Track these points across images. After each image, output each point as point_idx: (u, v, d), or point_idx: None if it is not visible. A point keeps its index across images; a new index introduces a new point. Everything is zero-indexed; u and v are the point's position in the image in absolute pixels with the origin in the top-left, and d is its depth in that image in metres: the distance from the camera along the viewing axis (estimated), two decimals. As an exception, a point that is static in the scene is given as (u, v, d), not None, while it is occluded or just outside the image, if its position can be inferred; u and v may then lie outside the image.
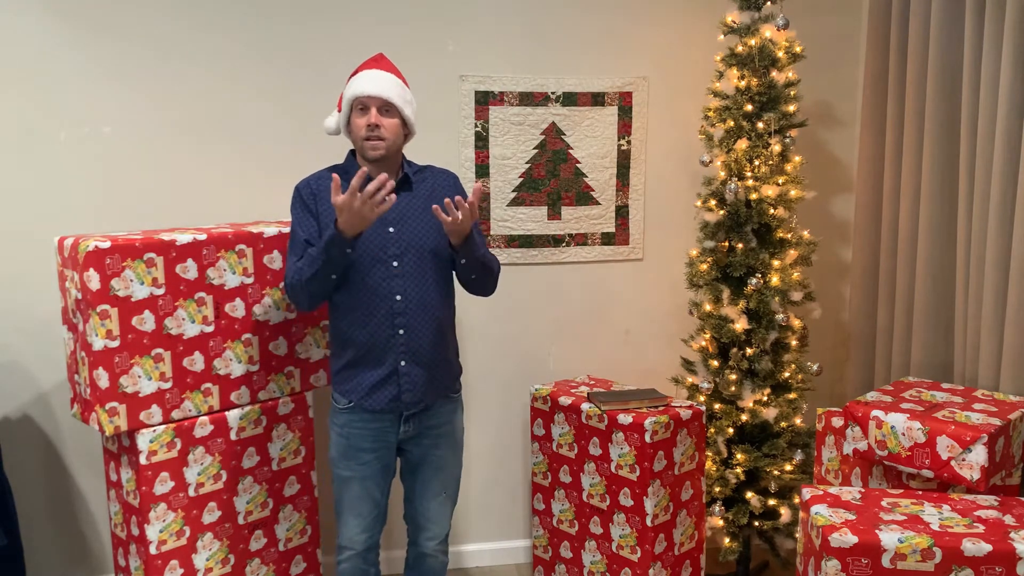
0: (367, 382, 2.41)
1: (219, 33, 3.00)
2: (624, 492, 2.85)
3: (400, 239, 2.39)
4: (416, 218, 2.42)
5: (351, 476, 2.47)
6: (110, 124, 2.96)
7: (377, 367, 2.40)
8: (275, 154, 3.06)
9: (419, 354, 2.41)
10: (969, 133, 2.78)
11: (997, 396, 2.58)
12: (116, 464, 2.56)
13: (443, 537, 2.62)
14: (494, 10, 3.19)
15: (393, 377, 2.40)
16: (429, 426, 2.51)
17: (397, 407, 2.43)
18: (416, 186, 2.46)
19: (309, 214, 2.40)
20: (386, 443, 2.48)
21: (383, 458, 2.49)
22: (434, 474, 2.56)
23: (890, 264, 3.17)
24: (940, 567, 2.00)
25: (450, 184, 2.53)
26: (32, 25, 2.86)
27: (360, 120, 2.35)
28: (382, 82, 2.35)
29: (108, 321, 2.36)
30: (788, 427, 3.05)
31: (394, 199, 2.21)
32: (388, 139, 2.35)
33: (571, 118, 3.28)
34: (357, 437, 2.46)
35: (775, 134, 2.96)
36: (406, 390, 2.41)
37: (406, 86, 2.42)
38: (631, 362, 3.47)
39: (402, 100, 2.37)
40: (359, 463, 2.46)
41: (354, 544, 2.51)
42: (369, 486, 2.48)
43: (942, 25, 2.87)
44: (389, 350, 2.39)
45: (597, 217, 3.36)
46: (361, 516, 2.50)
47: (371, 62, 2.43)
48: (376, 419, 2.45)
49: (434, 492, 2.57)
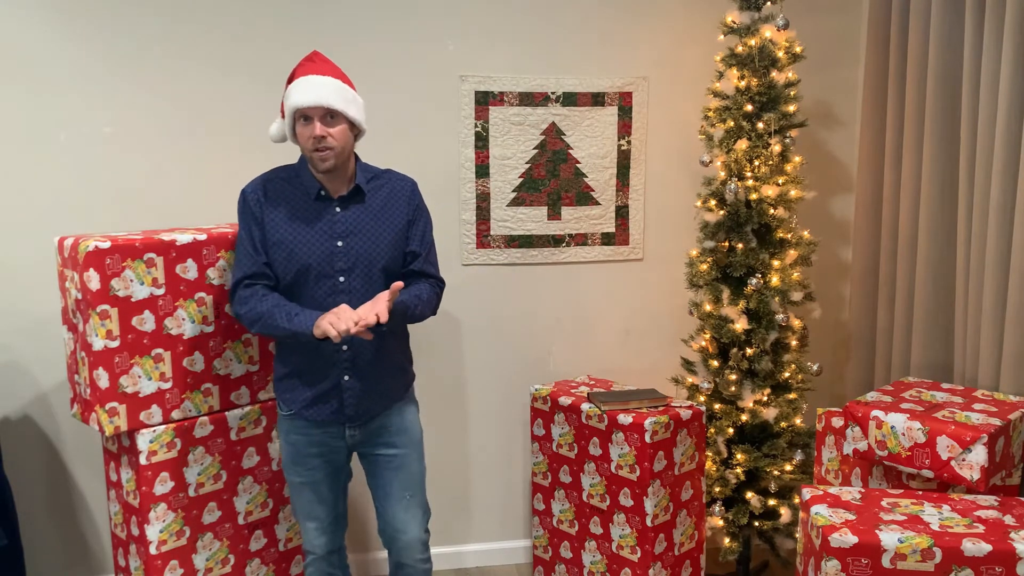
0: (309, 394, 2.35)
1: (220, 34, 3.00)
2: (624, 492, 2.85)
3: (348, 253, 2.30)
4: (366, 232, 2.33)
5: (301, 482, 2.43)
6: (110, 124, 2.96)
7: (320, 380, 2.33)
8: (275, 154, 3.04)
9: (363, 369, 2.34)
10: (969, 133, 2.78)
11: (997, 396, 2.58)
12: (116, 464, 2.56)
13: (418, 545, 2.48)
14: (494, 10, 3.19)
15: (336, 391, 2.34)
16: (378, 428, 2.43)
17: (339, 419, 2.37)
18: (369, 196, 2.36)
19: (254, 222, 2.33)
20: (332, 448, 2.42)
21: (332, 462, 2.44)
22: (393, 475, 2.45)
23: (890, 264, 3.17)
24: (940, 567, 2.00)
25: (406, 194, 2.40)
26: (32, 25, 2.86)
27: (305, 131, 2.24)
28: (320, 89, 2.21)
29: (108, 321, 2.36)
30: (788, 427, 3.05)
31: (370, 337, 2.18)
32: (337, 147, 2.24)
33: (571, 118, 3.28)
34: (302, 444, 2.40)
35: (775, 134, 2.96)
36: (349, 404, 2.35)
37: (348, 85, 2.29)
38: (631, 362, 3.47)
39: (344, 102, 2.23)
40: (307, 468, 2.42)
41: (315, 549, 2.49)
42: (321, 490, 2.44)
43: (942, 25, 2.87)
44: (332, 364, 2.33)
45: (597, 217, 3.36)
46: (318, 520, 2.47)
47: (306, 64, 2.28)
48: (319, 426, 2.39)
49: (397, 495, 2.45)
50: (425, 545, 2.51)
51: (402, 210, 2.39)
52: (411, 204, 2.41)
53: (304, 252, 2.29)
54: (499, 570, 3.45)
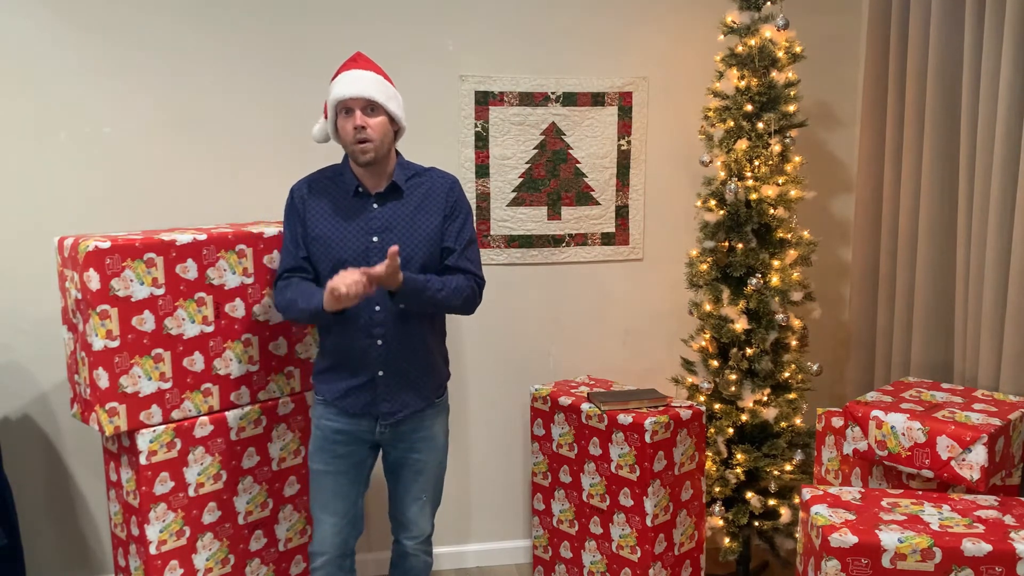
0: (344, 387, 2.40)
1: (220, 34, 3.00)
2: (624, 492, 2.85)
3: (383, 249, 2.32)
4: (402, 228, 2.36)
5: (325, 471, 2.44)
6: (110, 124, 2.96)
7: (355, 375, 2.38)
8: (276, 154, 3.06)
9: (397, 365, 2.38)
10: (969, 133, 2.78)
11: (997, 396, 2.58)
12: (116, 464, 2.56)
13: (425, 537, 2.58)
14: (494, 10, 3.19)
15: (370, 385, 2.38)
16: (407, 431, 2.46)
17: (372, 412, 2.41)
18: (408, 193, 2.39)
19: (297, 218, 2.40)
20: (361, 440, 2.45)
21: (357, 453, 2.46)
22: (413, 478, 2.51)
23: (890, 264, 3.17)
24: (940, 567, 2.00)
25: (444, 190, 2.42)
26: (32, 25, 2.86)
27: (347, 124, 2.30)
28: (362, 82, 2.29)
29: (108, 321, 2.36)
30: (788, 427, 3.05)
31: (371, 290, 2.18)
32: (376, 139, 2.29)
33: (571, 118, 3.28)
34: (331, 430, 2.43)
35: (775, 134, 2.96)
36: (382, 399, 2.39)
37: (389, 82, 2.36)
38: (631, 362, 3.47)
39: (385, 97, 2.30)
40: (333, 456, 2.43)
41: (327, 548, 2.46)
42: (343, 483, 2.45)
43: (942, 25, 2.87)
44: (367, 360, 2.36)
45: (597, 217, 3.36)
46: (336, 515, 2.45)
47: (349, 63, 2.36)
48: (351, 417, 2.42)
49: (414, 496, 2.52)
50: (430, 538, 2.61)
51: (439, 206, 2.39)
52: (449, 200, 2.42)
53: (340, 247, 2.34)
54: (499, 570, 3.45)
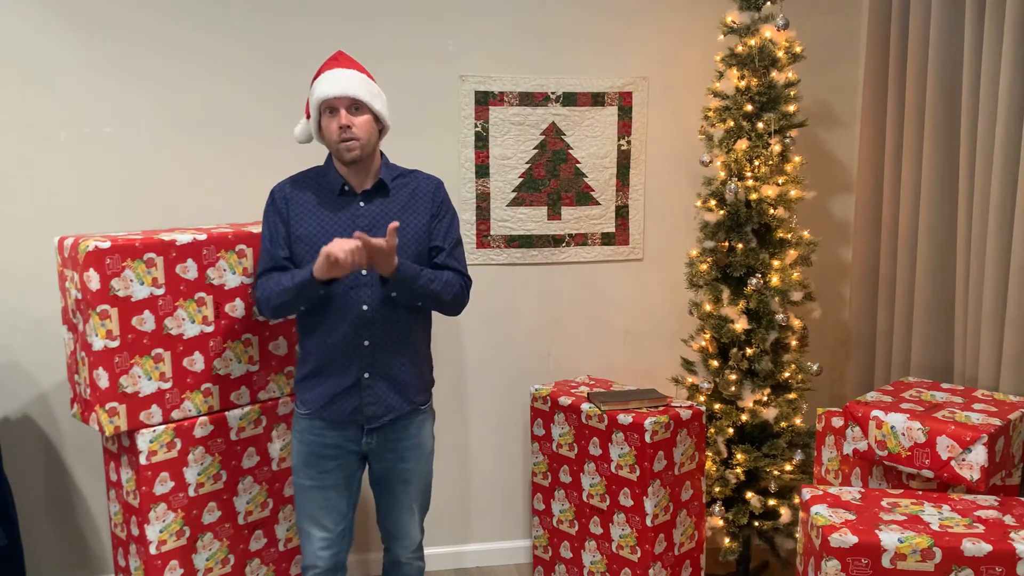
0: (328, 392, 2.33)
1: (220, 34, 3.00)
2: (624, 492, 2.85)
3: None
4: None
5: (311, 485, 2.38)
6: (110, 124, 2.96)
7: (340, 378, 2.32)
8: (276, 154, 3.05)
9: (384, 367, 2.33)
10: (969, 133, 2.78)
11: (997, 396, 2.58)
12: (116, 464, 2.56)
13: (416, 546, 2.54)
14: (494, 10, 3.19)
15: (355, 389, 2.32)
16: (393, 439, 2.40)
17: (358, 419, 2.35)
18: (393, 192, 2.37)
19: (279, 218, 2.35)
20: (348, 452, 2.39)
21: (346, 467, 2.39)
22: (402, 488, 2.45)
23: (890, 264, 3.17)
24: (940, 567, 2.00)
25: (430, 190, 2.40)
26: (32, 26, 2.86)
27: (331, 124, 2.27)
28: (346, 80, 2.26)
29: (108, 321, 2.36)
30: (788, 427, 3.05)
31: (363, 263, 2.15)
32: (362, 138, 2.26)
33: (571, 118, 3.28)
34: (316, 445, 2.36)
35: (775, 134, 2.96)
36: (368, 403, 2.33)
37: (371, 80, 2.33)
38: (631, 362, 3.47)
39: (370, 95, 2.28)
40: (319, 471, 2.37)
41: (317, 562, 2.40)
42: (331, 496, 2.38)
43: (942, 25, 2.87)
44: (353, 361, 2.31)
45: (597, 217, 3.36)
46: (325, 529, 2.39)
47: (331, 62, 2.34)
48: (336, 427, 2.36)
49: (403, 506, 2.47)
50: (421, 544, 2.57)
51: (426, 206, 2.38)
52: (435, 200, 2.40)
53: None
54: (499, 570, 3.45)
